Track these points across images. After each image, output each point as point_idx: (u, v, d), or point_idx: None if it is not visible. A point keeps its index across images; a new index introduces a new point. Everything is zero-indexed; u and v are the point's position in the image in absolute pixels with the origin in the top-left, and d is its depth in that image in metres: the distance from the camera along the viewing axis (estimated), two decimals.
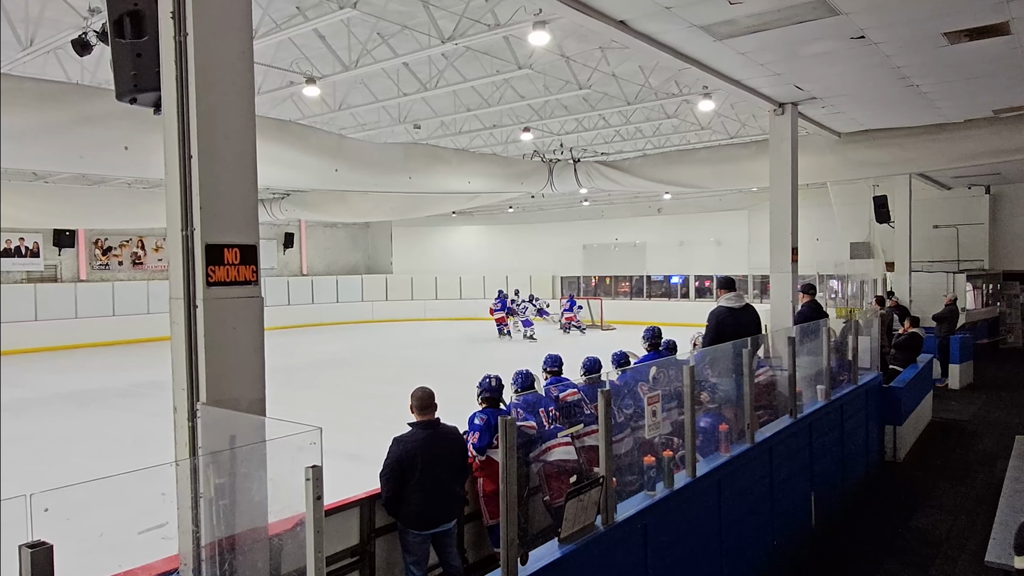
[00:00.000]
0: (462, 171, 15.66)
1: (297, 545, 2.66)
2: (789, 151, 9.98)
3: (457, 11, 8.25)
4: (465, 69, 10.67)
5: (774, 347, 7.17)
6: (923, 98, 9.91)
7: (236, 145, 3.45)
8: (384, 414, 10.65)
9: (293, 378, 13.99)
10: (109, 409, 12.12)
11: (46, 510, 1.95)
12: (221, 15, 3.39)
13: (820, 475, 6.52)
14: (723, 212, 24.97)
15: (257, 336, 3.56)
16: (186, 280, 3.34)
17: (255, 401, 3.50)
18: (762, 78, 8.81)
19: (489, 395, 5.04)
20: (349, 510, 4.24)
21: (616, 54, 10.19)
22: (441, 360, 17.44)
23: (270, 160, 10.60)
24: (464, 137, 15.88)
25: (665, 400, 4.66)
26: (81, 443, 9.81)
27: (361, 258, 31.30)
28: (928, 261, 18.68)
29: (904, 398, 8.81)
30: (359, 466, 5.06)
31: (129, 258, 23.59)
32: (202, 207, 3.30)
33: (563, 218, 28.58)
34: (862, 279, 19.05)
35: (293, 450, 2.66)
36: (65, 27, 8.01)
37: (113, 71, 3.58)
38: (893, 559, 5.83)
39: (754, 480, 5.36)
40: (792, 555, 5.78)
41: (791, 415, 6.12)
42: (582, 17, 6.49)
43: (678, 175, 16.31)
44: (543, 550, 3.45)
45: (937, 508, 6.99)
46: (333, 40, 9.27)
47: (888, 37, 7.29)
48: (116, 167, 10.32)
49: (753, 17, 6.71)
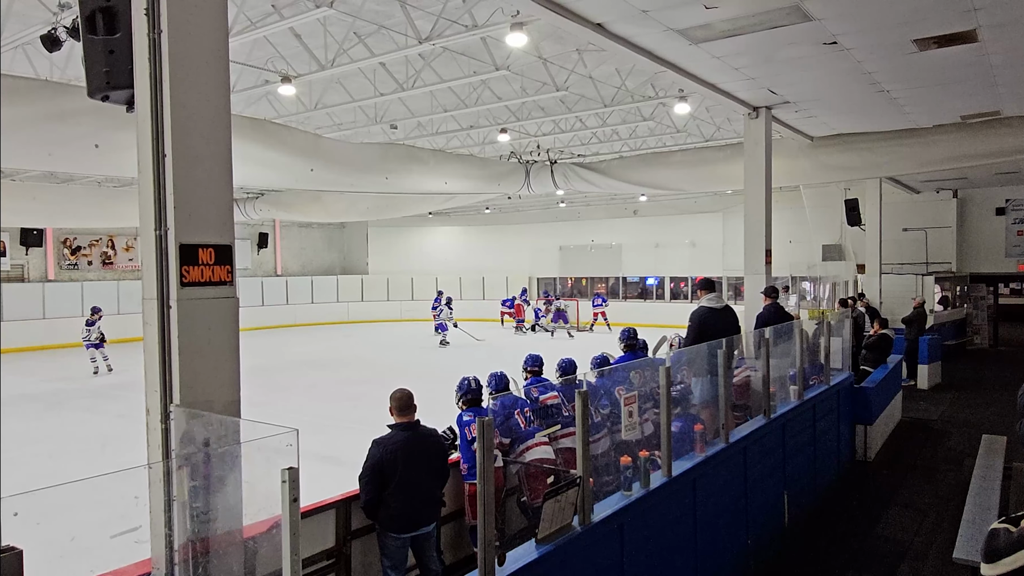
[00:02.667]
0: (439, 172, 15.64)
1: (273, 547, 2.64)
2: (763, 154, 10.12)
3: (434, 11, 8.23)
4: (442, 70, 10.65)
5: (748, 348, 7.25)
6: (893, 104, 10.10)
7: (211, 144, 3.42)
8: (358, 415, 10.59)
9: (266, 379, 13.85)
10: (77, 411, 11.89)
11: (15, 514, 1.92)
12: (196, 12, 3.35)
13: (793, 474, 6.61)
14: (698, 214, 25.20)
15: (232, 337, 3.52)
16: (160, 280, 3.30)
17: (230, 403, 3.47)
18: (737, 82, 8.92)
19: (471, 396, 5.04)
20: (325, 512, 4.22)
21: (593, 56, 10.24)
22: (417, 361, 17.38)
23: (245, 159, 10.50)
24: (441, 138, 15.84)
25: (642, 400, 4.69)
26: (47, 446, 9.60)
27: (336, 258, 31.07)
28: (898, 263, 19.04)
29: (875, 398, 8.97)
30: (333, 468, 5.04)
31: (99, 257, 23.17)
32: (176, 206, 3.27)
33: (540, 219, 28.64)
34: (834, 281, 19.35)
35: (269, 452, 2.64)
36: (34, 22, 7.84)
37: (85, 68, 3.52)
38: (864, 556, 5.92)
39: (729, 480, 5.42)
40: (766, 553, 5.85)
41: (765, 415, 6.19)
42: (559, 19, 6.53)
43: (654, 177, 16.44)
44: (521, 551, 3.46)
45: (906, 506, 7.12)
46: (309, 39, 9.19)
47: (859, 43, 7.42)
48: (86, 165, 10.16)
49: (728, 22, 6.80)
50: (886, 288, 17.23)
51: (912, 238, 19.71)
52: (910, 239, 19.70)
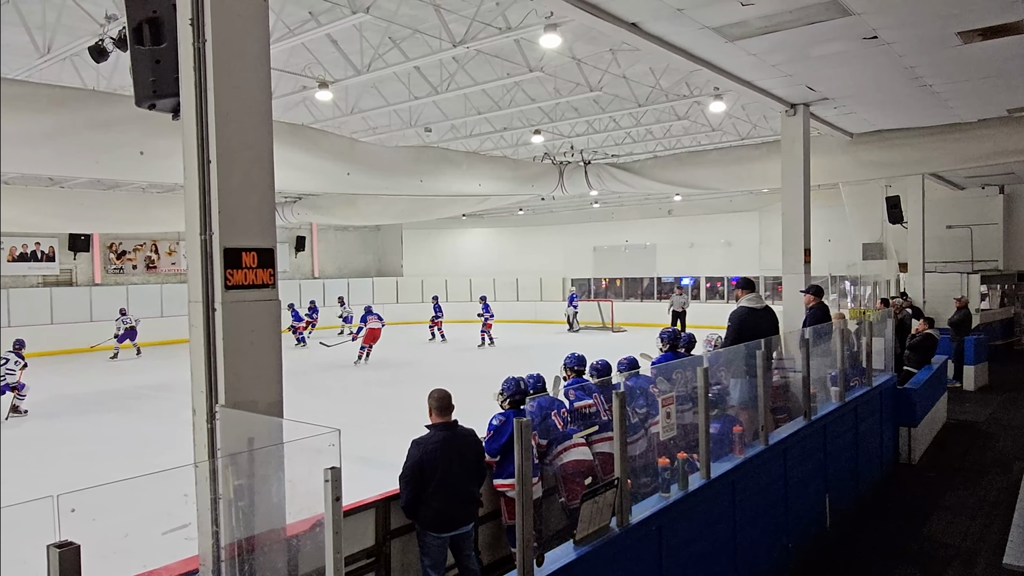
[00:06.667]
0: (472, 174, 15.71)
1: (315, 546, 2.69)
2: (801, 152, 9.96)
3: (468, 15, 8.28)
4: (476, 72, 10.70)
5: (787, 348, 7.14)
6: (936, 98, 9.86)
7: (253, 150, 3.49)
8: (391, 416, 10.69)
9: (303, 381, 14.05)
10: (120, 411, 12.20)
11: (73, 511, 1.98)
12: (239, 21, 3.42)
13: (835, 477, 6.50)
14: (734, 213, 24.89)
15: (274, 339, 3.59)
16: (205, 283, 3.38)
17: (273, 403, 3.54)
18: (774, 79, 8.80)
19: (518, 397, 5.01)
20: (365, 511, 4.26)
21: (627, 56, 10.19)
22: (451, 363, 17.47)
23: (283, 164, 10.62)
24: (475, 140, 15.91)
25: (680, 401, 4.66)
26: (92, 445, 9.89)
27: (372, 261, 31.39)
28: (942, 262, 18.56)
29: (919, 399, 8.76)
30: (369, 468, 5.09)
31: (143, 262, 23.76)
32: (220, 211, 3.34)
33: (573, 220, 28.57)
34: (875, 280, 18.95)
35: (311, 452, 2.68)
36: (82, 34, 8.10)
37: (132, 77, 3.62)
38: (908, 562, 5.79)
39: (768, 482, 5.35)
40: (806, 557, 5.76)
41: (805, 417, 6.10)
42: (593, 19, 6.51)
43: (689, 177, 16.29)
44: (559, 551, 3.47)
45: (953, 510, 6.95)
46: (345, 45, 9.32)
47: (901, 37, 7.27)
48: (131, 171, 10.41)
49: (765, 18, 6.72)
50: (929, 287, 16.80)
51: (956, 235, 19.20)
52: (954, 237, 19.20)
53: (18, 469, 8.64)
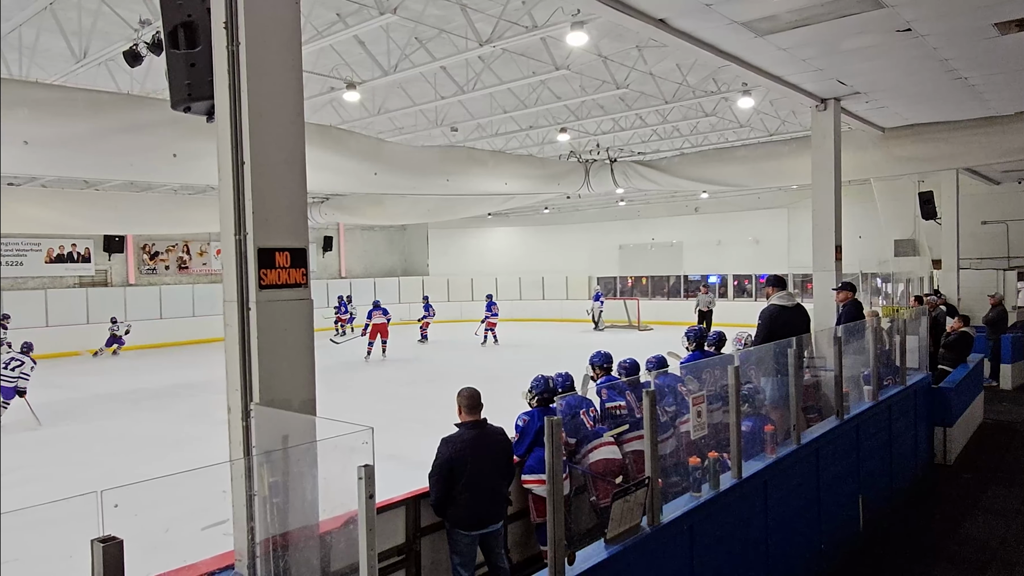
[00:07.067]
0: (498, 173, 15.73)
1: (347, 542, 2.71)
2: (832, 148, 9.81)
3: (494, 14, 8.29)
4: (502, 71, 10.72)
5: (818, 347, 7.04)
6: (971, 91, 9.66)
7: (286, 151, 3.53)
8: (418, 415, 10.75)
9: (331, 379, 14.16)
10: (156, 410, 12.41)
11: (116, 506, 2.02)
12: (271, 23, 3.47)
13: (868, 477, 6.40)
14: (762, 210, 24.60)
15: (307, 337, 3.63)
16: (240, 283, 3.42)
17: (306, 401, 3.57)
18: (804, 74, 8.68)
19: (546, 396, 5.01)
20: (395, 509, 4.29)
21: (653, 53, 10.13)
22: (477, 361, 17.51)
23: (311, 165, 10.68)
24: (500, 139, 15.93)
25: (709, 400, 4.62)
26: (131, 442, 10.08)
27: (398, 260, 31.58)
28: (977, 258, 18.15)
29: (954, 399, 8.58)
30: (398, 466, 5.12)
31: (175, 262, 24.17)
32: (255, 212, 3.38)
33: (599, 218, 28.47)
34: (907, 277, 18.60)
35: (344, 450, 2.70)
36: (116, 39, 8.26)
37: (168, 81, 3.68)
38: (945, 564, 5.68)
39: (801, 482, 5.28)
40: (840, 558, 5.68)
41: (838, 416, 6.01)
42: (620, 16, 6.48)
43: (716, 174, 16.14)
44: (590, 550, 3.46)
45: (990, 512, 6.80)
46: (372, 46, 9.39)
47: (935, 29, 7.13)
48: (165, 173, 10.62)
49: (795, 12, 6.63)
50: (964, 284, 16.44)
51: (992, 231, 18.77)
52: (990, 232, 18.77)
53: (61, 467, 8.87)
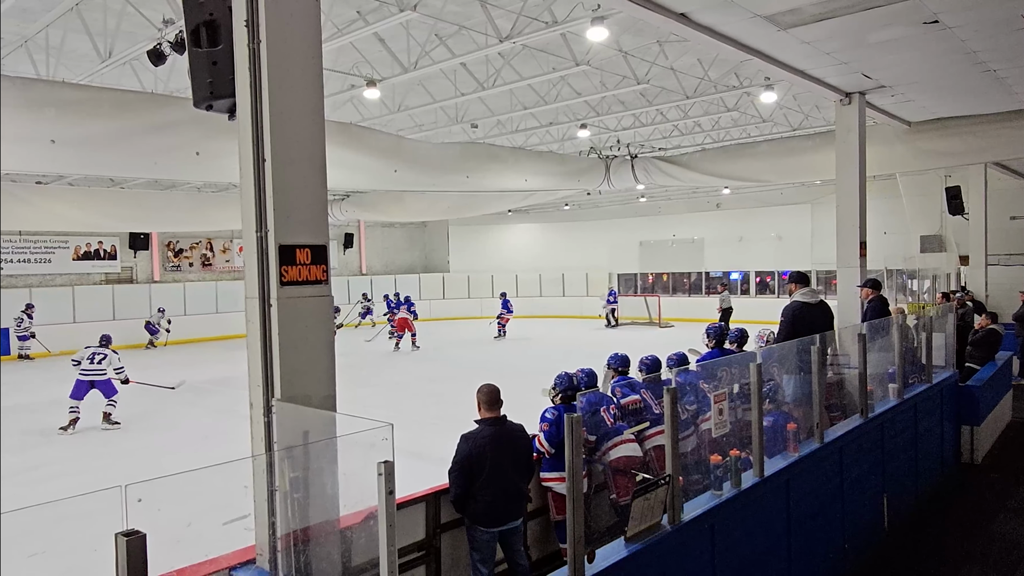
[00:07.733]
0: (518, 169, 15.70)
1: (368, 538, 2.72)
2: (856, 142, 9.66)
3: (514, 10, 8.27)
4: (522, 67, 10.69)
5: (842, 344, 6.95)
6: (1000, 83, 9.47)
7: (307, 148, 3.55)
8: (439, 412, 10.78)
9: (351, 376, 14.24)
10: (181, 405, 12.56)
11: (139, 500, 2.04)
12: (292, 21, 3.48)
13: (893, 476, 6.32)
14: (784, 206, 24.35)
15: (328, 334, 3.65)
16: (261, 280, 3.44)
17: (326, 397, 3.59)
18: (828, 67, 8.56)
19: (570, 393, 5.00)
20: (415, 505, 4.30)
21: (674, 47, 10.05)
22: (497, 358, 17.52)
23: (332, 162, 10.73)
24: (520, 135, 15.91)
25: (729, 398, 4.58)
26: (156, 437, 10.22)
27: (418, 257, 31.70)
28: (1005, 254, 17.81)
29: (982, 397, 8.44)
30: (417, 462, 5.13)
31: (199, 259, 24.48)
32: (275, 209, 3.40)
33: (619, 215, 28.34)
34: (933, 274, 18.31)
35: (365, 446, 2.71)
36: (140, 39, 8.36)
37: (190, 79, 3.71)
38: (972, 564, 5.59)
39: (824, 481, 5.22)
40: (864, 558, 5.61)
41: (862, 414, 5.93)
42: (641, 11, 6.42)
43: (738, 169, 15.98)
44: (610, 548, 3.45)
45: (1019, 513, 6.68)
46: (392, 43, 9.41)
47: (963, 21, 6.99)
48: (188, 172, 10.73)
49: (819, 5, 6.53)
50: (992, 280, 16.14)
51: (1021, 227, 18.39)
52: (1019, 228, 18.39)
53: (86, 460, 9.02)
